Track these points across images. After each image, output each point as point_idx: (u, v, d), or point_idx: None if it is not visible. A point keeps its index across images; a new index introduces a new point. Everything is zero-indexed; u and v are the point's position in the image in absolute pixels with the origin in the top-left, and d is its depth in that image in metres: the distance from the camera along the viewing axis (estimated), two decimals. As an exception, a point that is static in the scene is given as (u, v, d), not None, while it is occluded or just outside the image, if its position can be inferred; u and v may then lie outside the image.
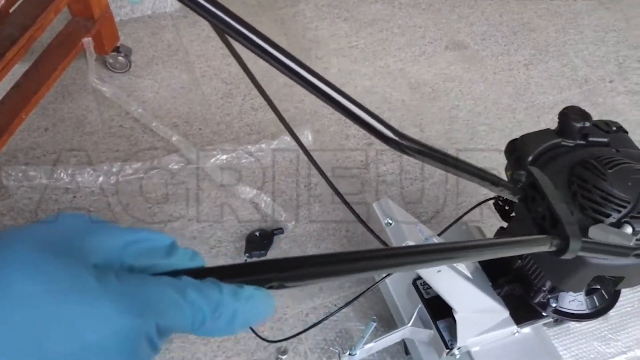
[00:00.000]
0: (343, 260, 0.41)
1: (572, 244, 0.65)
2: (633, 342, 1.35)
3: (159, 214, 1.53)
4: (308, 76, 0.64)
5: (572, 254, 0.66)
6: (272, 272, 0.37)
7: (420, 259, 0.47)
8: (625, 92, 2.02)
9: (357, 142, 1.75)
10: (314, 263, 0.39)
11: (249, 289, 0.36)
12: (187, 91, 1.84)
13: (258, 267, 0.37)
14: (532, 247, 0.63)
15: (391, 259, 0.44)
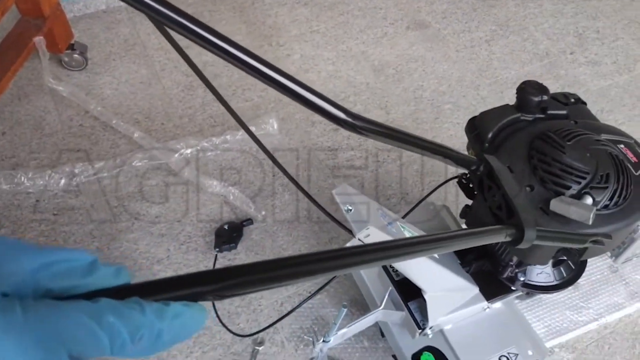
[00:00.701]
0: (283, 266, 0.40)
1: (527, 234, 0.65)
2: (604, 309, 1.38)
3: (125, 213, 1.50)
4: (254, 63, 0.63)
5: (528, 243, 0.66)
6: (204, 284, 0.36)
7: (366, 258, 0.46)
8: (586, 63, 2.04)
9: (324, 128, 1.74)
10: (250, 271, 0.38)
11: (176, 306, 0.34)
12: (147, 86, 1.81)
13: (189, 281, 0.36)
14: (487, 238, 0.63)
15: (333, 262, 0.43)
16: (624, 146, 0.98)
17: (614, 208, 0.89)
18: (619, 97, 1.93)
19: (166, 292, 0.35)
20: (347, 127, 0.67)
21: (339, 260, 0.44)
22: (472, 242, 0.62)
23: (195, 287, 0.36)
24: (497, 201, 0.73)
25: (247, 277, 0.38)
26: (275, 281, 0.40)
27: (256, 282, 0.38)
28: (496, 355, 1.04)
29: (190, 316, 0.35)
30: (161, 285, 0.35)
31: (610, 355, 1.33)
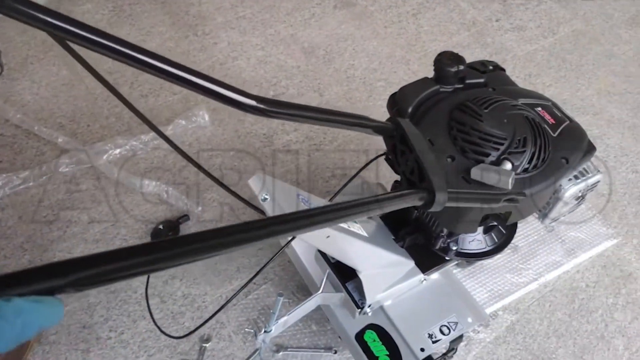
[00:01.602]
0: (144, 252, 0.37)
1: (437, 196, 0.65)
2: (542, 268, 1.41)
3: (56, 222, 1.44)
4: (146, 59, 0.60)
5: (440, 206, 0.66)
6: (58, 277, 0.33)
7: (267, 232, 0.44)
8: (512, 29, 2.07)
9: (257, 116, 1.71)
10: (112, 259, 0.36)
11: (18, 302, 0.32)
12: (69, 87, 1.73)
13: (38, 274, 0.33)
14: (401, 202, 0.63)
15: (225, 238, 0.42)
16: (542, 109, 0.99)
17: (533, 170, 0.90)
18: (545, 60, 1.98)
19: (8, 287, 0.32)
20: (255, 112, 0.65)
21: (231, 237, 0.42)
22: (384, 207, 0.62)
23: (47, 280, 0.33)
24: (410, 165, 0.73)
25: (107, 266, 0.35)
26: (135, 268, 0.37)
27: (117, 270, 0.36)
28: (437, 326, 1.05)
29: (38, 312, 0.33)
30: (5, 280, 0.33)
31: (551, 313, 1.37)
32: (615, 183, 1.64)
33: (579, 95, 1.87)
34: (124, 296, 1.33)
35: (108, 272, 0.36)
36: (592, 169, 1.05)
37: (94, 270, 0.35)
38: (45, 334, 1.26)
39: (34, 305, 0.33)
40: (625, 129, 1.79)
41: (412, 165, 0.73)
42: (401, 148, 0.75)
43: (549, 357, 1.30)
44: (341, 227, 0.84)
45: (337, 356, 1.26)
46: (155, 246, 0.39)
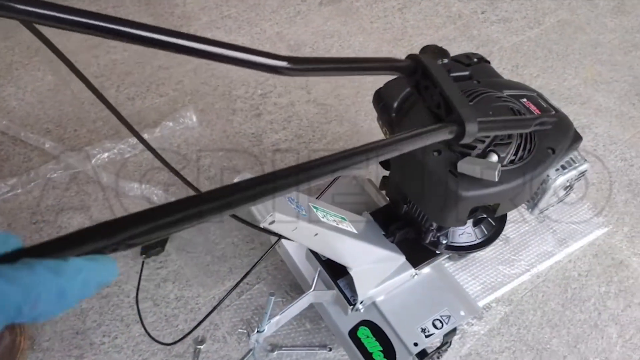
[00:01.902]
0: (183, 207, 0.38)
1: (468, 127, 0.65)
2: (534, 259, 1.42)
3: (46, 228, 1.44)
4: (163, 37, 0.55)
5: (471, 136, 0.66)
6: (106, 237, 0.35)
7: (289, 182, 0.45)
8: (498, 21, 2.07)
9: (245, 115, 1.71)
10: (155, 216, 0.37)
11: (77, 261, 0.33)
12: (55, 93, 1.72)
13: (88, 235, 0.34)
14: (431, 137, 0.62)
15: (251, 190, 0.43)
16: (527, 100, 0.99)
17: (520, 162, 0.90)
18: (532, 51, 1.98)
19: (66, 249, 0.34)
20: (290, 72, 0.63)
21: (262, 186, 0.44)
22: (416, 142, 0.61)
23: (97, 241, 0.34)
24: (436, 100, 0.72)
25: (152, 223, 0.36)
26: (181, 222, 0.39)
27: (164, 226, 0.38)
28: (429, 320, 1.05)
29: (95, 269, 0.34)
30: (59, 243, 0.34)
31: (544, 303, 1.38)
32: (604, 171, 1.65)
33: (566, 85, 1.88)
34: (116, 300, 1.32)
35: (155, 228, 0.38)
36: (579, 158, 1.05)
37: (140, 228, 0.36)
38: (38, 340, 1.25)
39: (90, 263, 0.34)
40: (613, 117, 1.79)
41: (437, 99, 0.72)
42: (424, 83, 0.74)
43: (544, 347, 1.30)
44: (330, 225, 0.83)
45: (332, 353, 1.26)
46: (199, 199, 0.41)
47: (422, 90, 0.75)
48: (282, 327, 1.28)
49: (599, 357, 1.30)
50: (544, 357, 1.29)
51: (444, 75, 0.74)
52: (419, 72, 0.75)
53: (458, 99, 0.70)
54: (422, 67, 0.74)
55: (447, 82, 0.72)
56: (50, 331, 1.27)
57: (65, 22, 0.51)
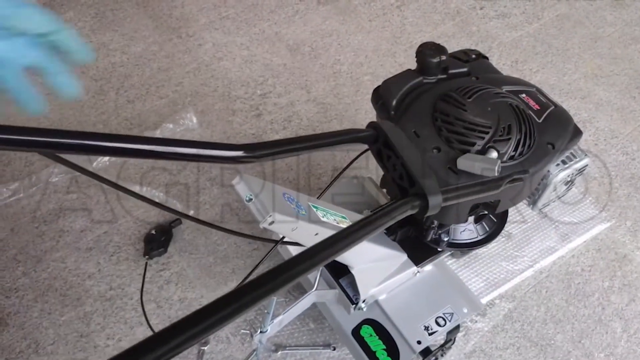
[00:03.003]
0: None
1: (431, 200, 0.64)
2: (537, 254, 1.42)
3: (48, 232, 1.44)
4: (129, 146, 0.57)
5: (436, 209, 0.65)
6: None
7: (263, 291, 0.45)
8: (496, 17, 2.07)
9: (245, 116, 1.71)
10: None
11: None
12: (54, 96, 1.72)
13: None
14: (395, 215, 0.62)
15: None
16: (526, 95, 0.99)
17: (520, 158, 0.90)
18: (531, 46, 1.97)
19: None
20: (247, 159, 0.64)
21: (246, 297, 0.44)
22: (379, 225, 0.61)
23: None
24: (398, 171, 0.72)
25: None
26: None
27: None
28: (432, 318, 1.05)
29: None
30: None
31: (548, 299, 1.37)
32: (606, 166, 1.64)
33: (566, 79, 1.87)
34: (120, 303, 1.32)
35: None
36: (580, 153, 1.05)
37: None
38: (43, 344, 1.25)
39: None
40: (614, 111, 1.79)
41: (400, 170, 0.71)
42: (387, 153, 0.74)
43: (548, 343, 1.30)
44: (330, 224, 0.83)
45: (336, 353, 1.26)
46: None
47: (385, 159, 0.74)
48: (286, 327, 1.29)
49: (603, 352, 1.29)
50: (548, 352, 1.29)
51: (406, 144, 0.73)
52: (380, 140, 0.74)
53: (420, 171, 0.69)
54: (383, 136, 0.73)
55: (409, 152, 0.71)
56: (54, 334, 1.27)
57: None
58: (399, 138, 0.73)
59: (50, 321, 1.29)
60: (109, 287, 1.35)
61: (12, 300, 1.32)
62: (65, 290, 1.34)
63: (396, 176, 0.72)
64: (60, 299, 1.33)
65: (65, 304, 1.32)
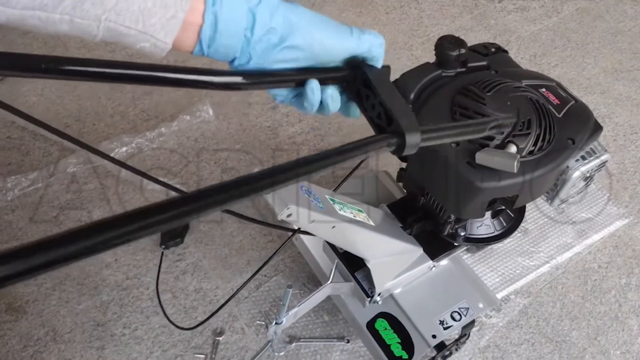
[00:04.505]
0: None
1: (408, 138, 0.61)
2: (554, 250, 1.41)
3: (66, 221, 1.46)
4: (99, 69, 0.56)
5: (413, 148, 0.63)
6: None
7: (236, 194, 0.45)
8: (515, 10, 2.05)
9: (262, 108, 1.71)
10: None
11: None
12: (73, 88, 1.74)
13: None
14: (368, 150, 0.59)
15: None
16: (546, 89, 0.98)
17: (539, 153, 0.89)
18: (550, 40, 1.95)
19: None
20: (227, 87, 0.62)
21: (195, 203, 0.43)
22: (352, 155, 0.58)
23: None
24: (377, 110, 0.67)
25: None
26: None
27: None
28: (447, 312, 1.05)
29: None
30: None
31: (563, 295, 1.36)
32: (625, 162, 1.62)
33: (585, 74, 1.85)
34: (136, 293, 1.34)
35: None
36: (600, 148, 1.04)
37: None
38: (60, 332, 1.27)
39: None
40: (634, 107, 1.76)
41: (378, 109, 0.67)
42: (365, 92, 0.69)
43: (563, 339, 1.29)
44: (347, 217, 0.83)
45: (350, 345, 1.26)
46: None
47: (364, 99, 0.71)
48: (300, 319, 1.29)
49: (619, 349, 1.28)
50: (563, 349, 1.28)
51: (385, 82, 0.69)
52: (359, 80, 0.71)
53: (399, 109, 0.66)
54: (361, 75, 0.70)
55: (388, 91, 0.68)
56: (72, 323, 1.29)
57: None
58: (378, 78, 0.69)
59: (68, 309, 1.31)
60: (125, 277, 1.36)
61: (31, 289, 1.34)
62: (83, 280, 1.36)
63: (374, 115, 0.68)
64: (78, 287, 1.34)
65: (83, 292, 1.34)
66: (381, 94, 0.67)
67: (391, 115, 0.65)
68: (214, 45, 0.59)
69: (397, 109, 0.65)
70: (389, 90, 0.68)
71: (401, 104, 0.67)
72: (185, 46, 0.59)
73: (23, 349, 1.25)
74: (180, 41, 0.57)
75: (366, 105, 0.70)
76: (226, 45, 0.59)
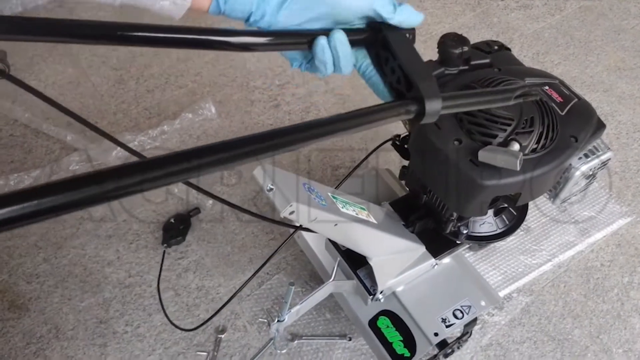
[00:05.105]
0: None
1: (428, 105, 0.58)
2: (556, 249, 1.41)
3: (69, 219, 1.46)
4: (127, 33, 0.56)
5: (433, 116, 0.60)
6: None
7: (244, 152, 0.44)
8: (518, 8, 2.04)
9: (264, 106, 1.71)
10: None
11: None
12: (75, 85, 1.74)
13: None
14: (386, 116, 0.57)
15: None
16: (549, 87, 0.98)
17: (542, 150, 0.89)
18: (553, 37, 1.95)
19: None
20: (237, 48, 0.62)
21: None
22: (368, 122, 0.56)
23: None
24: (397, 74, 0.64)
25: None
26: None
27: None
28: (450, 310, 1.05)
29: None
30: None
31: (566, 293, 1.36)
32: (628, 160, 1.62)
33: (589, 72, 1.85)
34: (138, 290, 1.34)
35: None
36: (602, 146, 1.03)
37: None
38: (63, 329, 1.27)
39: None
40: (637, 105, 1.76)
41: (398, 73, 0.64)
42: (384, 55, 0.66)
43: (565, 337, 1.29)
44: (349, 215, 0.83)
45: (352, 343, 1.26)
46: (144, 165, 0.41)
47: (383, 63, 0.67)
48: (302, 316, 1.29)
49: (622, 347, 1.28)
50: (565, 347, 1.28)
51: (406, 46, 0.65)
52: (379, 43, 0.67)
53: (419, 73, 0.62)
54: (382, 38, 0.66)
55: (409, 54, 0.64)
56: (74, 320, 1.29)
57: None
58: (399, 40, 0.65)
59: (71, 307, 1.31)
60: (127, 275, 1.36)
61: (33, 286, 1.34)
62: (85, 277, 1.36)
63: (394, 80, 0.65)
64: (80, 285, 1.34)
65: (85, 290, 1.34)
66: (401, 57, 0.63)
67: (410, 80, 0.61)
68: (230, 1, 0.59)
69: (418, 73, 0.61)
70: (410, 54, 0.64)
71: (422, 68, 0.63)
72: (202, 3, 0.59)
73: (26, 346, 1.25)
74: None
75: (386, 69, 0.67)
76: (242, 1, 0.59)
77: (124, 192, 0.39)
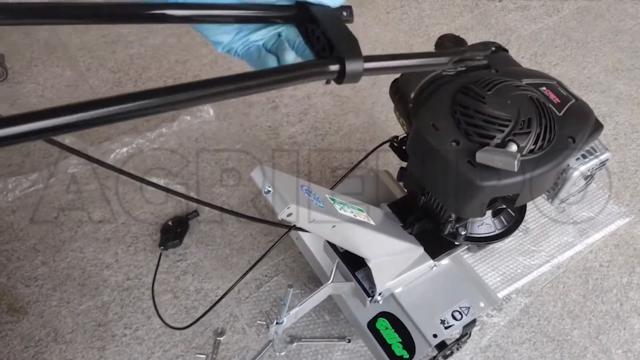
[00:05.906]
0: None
1: (349, 64, 0.57)
2: (555, 249, 1.40)
3: (67, 222, 1.46)
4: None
5: (355, 76, 0.59)
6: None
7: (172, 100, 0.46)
8: (515, 9, 2.05)
9: (262, 108, 1.71)
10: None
11: None
12: (73, 88, 1.74)
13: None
14: (305, 74, 0.56)
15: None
16: (546, 88, 0.98)
17: (540, 151, 0.89)
18: (550, 39, 1.95)
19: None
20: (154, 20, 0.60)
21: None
22: (289, 79, 0.55)
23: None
24: (321, 42, 0.63)
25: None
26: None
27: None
28: (449, 312, 1.05)
29: None
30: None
31: (565, 294, 1.36)
32: (626, 160, 1.62)
33: (586, 73, 1.85)
34: (137, 293, 1.34)
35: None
36: (600, 147, 1.03)
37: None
38: (62, 332, 1.27)
39: None
40: (635, 105, 1.76)
41: (322, 41, 0.63)
42: (311, 28, 0.65)
43: (564, 338, 1.29)
44: (347, 216, 0.83)
45: (351, 345, 1.26)
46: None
47: (310, 35, 0.66)
48: (301, 318, 1.29)
49: (621, 348, 1.28)
50: (564, 348, 1.28)
51: (333, 17, 0.65)
52: (307, 19, 0.66)
53: (340, 36, 0.61)
54: (309, 14, 0.65)
55: (333, 22, 0.63)
56: (73, 323, 1.29)
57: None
58: (326, 13, 0.65)
59: (69, 310, 1.31)
60: (126, 277, 1.36)
61: (32, 289, 1.34)
62: (84, 280, 1.36)
63: (319, 48, 0.64)
64: (79, 288, 1.34)
65: (84, 293, 1.34)
66: (324, 24, 0.62)
67: (333, 43, 0.60)
68: None
69: (339, 36, 0.61)
70: (335, 23, 0.63)
71: (345, 32, 0.62)
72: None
73: (24, 349, 1.25)
74: None
75: (312, 40, 0.66)
76: None
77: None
